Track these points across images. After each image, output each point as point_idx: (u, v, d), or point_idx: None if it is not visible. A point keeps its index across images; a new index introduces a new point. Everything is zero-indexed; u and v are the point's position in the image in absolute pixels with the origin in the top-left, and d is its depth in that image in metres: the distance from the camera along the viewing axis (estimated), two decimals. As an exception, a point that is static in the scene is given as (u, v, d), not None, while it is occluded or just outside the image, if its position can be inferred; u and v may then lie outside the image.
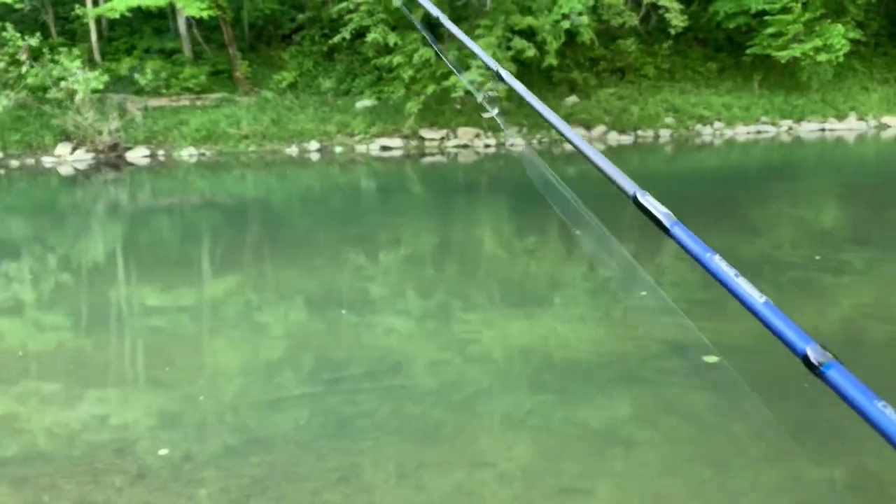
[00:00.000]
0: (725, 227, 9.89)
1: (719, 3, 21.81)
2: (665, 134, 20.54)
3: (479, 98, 1.64)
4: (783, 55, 20.35)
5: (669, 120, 20.87)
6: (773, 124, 21.04)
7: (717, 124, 20.92)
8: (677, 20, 19.54)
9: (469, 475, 3.61)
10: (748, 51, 21.24)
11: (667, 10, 19.60)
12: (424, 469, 3.65)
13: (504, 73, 1.61)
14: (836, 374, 0.87)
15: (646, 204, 1.21)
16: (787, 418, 4.23)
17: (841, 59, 20.18)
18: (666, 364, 5.01)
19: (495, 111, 1.64)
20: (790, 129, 21.01)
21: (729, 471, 3.67)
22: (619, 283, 7.26)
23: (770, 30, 20.62)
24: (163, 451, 3.84)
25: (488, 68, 1.61)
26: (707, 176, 15.53)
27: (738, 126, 20.93)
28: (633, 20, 19.83)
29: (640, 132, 20.48)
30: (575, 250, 8.94)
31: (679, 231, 1.11)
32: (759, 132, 20.82)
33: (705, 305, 6.32)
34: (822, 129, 20.98)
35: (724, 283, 0.96)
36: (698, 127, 20.86)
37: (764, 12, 20.84)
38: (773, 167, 16.64)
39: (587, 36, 18.71)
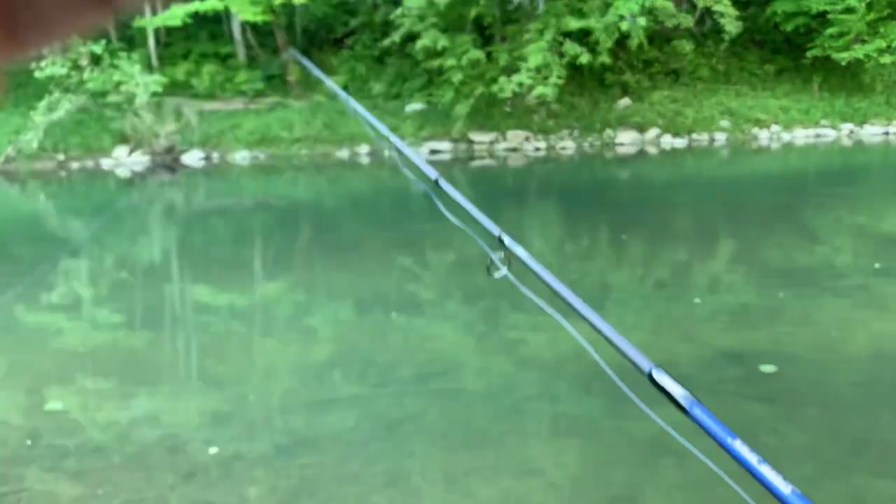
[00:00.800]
0: (783, 234, 9.64)
1: (777, 3, 21.31)
2: (720, 137, 20.14)
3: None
4: (845, 56, 19.78)
5: (725, 123, 20.45)
6: (834, 128, 20.45)
7: (775, 128, 20.43)
8: (731, 26, 19.16)
9: (517, 482, 3.57)
10: (809, 53, 20.70)
11: (721, 14, 19.24)
12: (472, 474, 3.62)
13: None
14: None
15: (661, 383, 1.00)
16: (844, 431, 4.09)
17: (907, 61, 19.58)
18: (719, 372, 4.89)
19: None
20: (851, 132, 20.40)
21: (785, 485, 3.56)
22: (673, 288, 7.14)
23: (831, 30, 20.06)
24: (213, 450, 3.89)
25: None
26: (764, 181, 15.18)
27: (796, 130, 20.40)
28: (688, 22, 19.51)
29: (694, 135, 20.12)
30: (625, 255, 8.82)
31: (699, 413, 0.92)
32: (818, 136, 20.26)
33: (760, 312, 6.16)
34: (886, 133, 20.31)
35: (747, 469, 0.88)
36: (755, 130, 20.39)
37: (824, 13, 20.29)
38: (834, 172, 16.17)
39: (638, 39, 18.47)
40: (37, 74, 18.65)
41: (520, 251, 1.25)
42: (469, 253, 9.40)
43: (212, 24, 22.58)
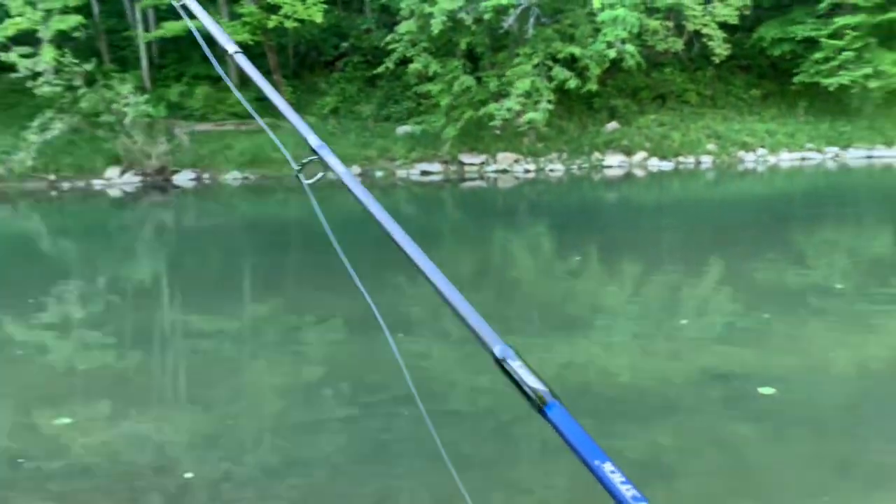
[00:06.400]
0: (768, 255, 9.72)
1: (764, 29, 21.63)
2: (707, 160, 20.33)
3: (295, 168, 1.37)
4: (831, 82, 20.05)
5: (711, 146, 20.66)
6: (819, 151, 20.69)
7: (761, 151, 20.65)
8: (720, 48, 19.43)
9: (506, 502, 3.58)
10: (795, 79, 20.97)
11: (710, 38, 19.51)
12: (461, 495, 3.62)
13: (330, 158, 1.34)
14: None
15: (513, 371, 0.86)
16: (832, 454, 4.12)
17: (895, 86, 19.86)
18: (709, 394, 4.92)
19: (314, 179, 1.36)
20: (836, 156, 20.64)
21: (772, 505, 3.58)
22: (660, 309, 7.18)
23: (818, 55, 20.34)
24: (202, 471, 3.89)
25: (308, 146, 1.39)
26: (750, 203, 15.32)
27: (782, 153, 20.64)
28: (677, 45, 19.76)
29: (681, 158, 20.30)
30: (615, 277, 8.87)
31: (557, 414, 0.81)
32: (803, 159, 20.50)
33: (746, 333, 6.21)
34: (870, 157, 20.56)
35: (606, 487, 0.76)
36: (741, 153, 20.61)
37: (810, 38, 20.61)
38: (819, 194, 16.33)
39: (633, 62, 18.68)
40: (36, 92, 18.66)
41: (334, 162, 1.21)
42: (460, 272, 9.43)
43: (204, 46, 22.68)
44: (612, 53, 18.44)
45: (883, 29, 20.23)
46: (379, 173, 19.62)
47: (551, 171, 19.63)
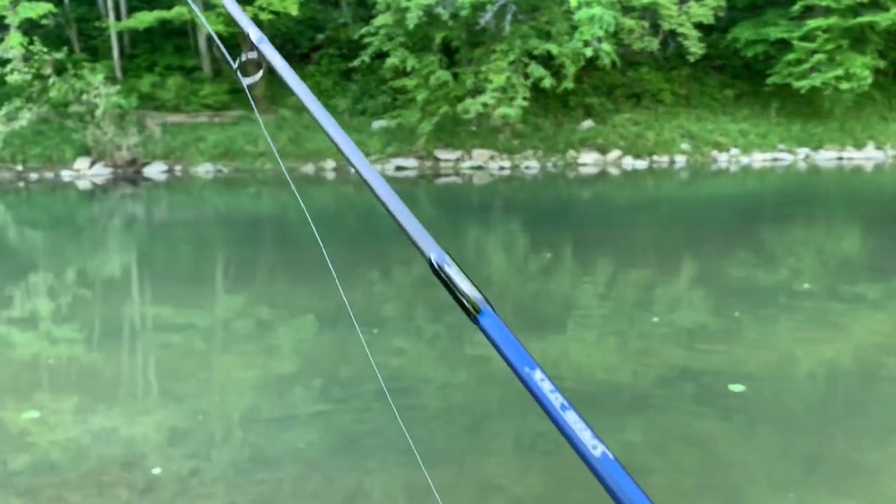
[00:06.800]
0: (740, 253, 9.84)
1: (738, 30, 21.86)
2: (681, 160, 20.52)
3: (235, 65, 1.26)
4: (803, 84, 20.34)
5: (685, 146, 20.86)
6: (790, 152, 20.98)
7: (734, 151, 20.89)
8: (695, 47, 19.60)
9: (479, 498, 3.58)
10: (769, 80, 21.24)
11: (685, 37, 19.67)
12: (432, 491, 3.62)
13: (264, 45, 1.19)
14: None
15: (448, 276, 0.87)
16: (800, 450, 4.18)
17: (866, 88, 20.18)
18: (680, 390, 4.96)
19: (253, 78, 1.24)
20: (807, 157, 20.94)
21: (740, 500, 3.62)
22: (631, 307, 7.23)
23: (790, 56, 20.61)
24: (171, 466, 3.84)
25: (241, 30, 1.30)
26: (723, 202, 15.49)
27: (754, 153, 20.89)
28: (653, 44, 19.90)
29: (655, 157, 20.47)
30: (588, 275, 8.92)
31: (491, 323, 0.81)
32: (775, 160, 20.77)
33: (716, 331, 6.28)
34: (840, 158, 20.90)
35: (543, 407, 0.73)
36: (714, 153, 20.83)
37: (783, 41, 20.86)
38: (790, 194, 16.56)
39: (608, 60, 18.78)
40: (6, 79, 18.31)
41: (276, 59, 1.12)
42: (424, 268, 9.42)
43: (178, 37, 22.41)
44: (588, 52, 18.53)
45: (854, 32, 20.56)
46: (353, 169, 19.52)
47: (527, 168, 19.68)
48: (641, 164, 20.16)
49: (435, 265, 0.90)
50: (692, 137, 21.09)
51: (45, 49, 18.74)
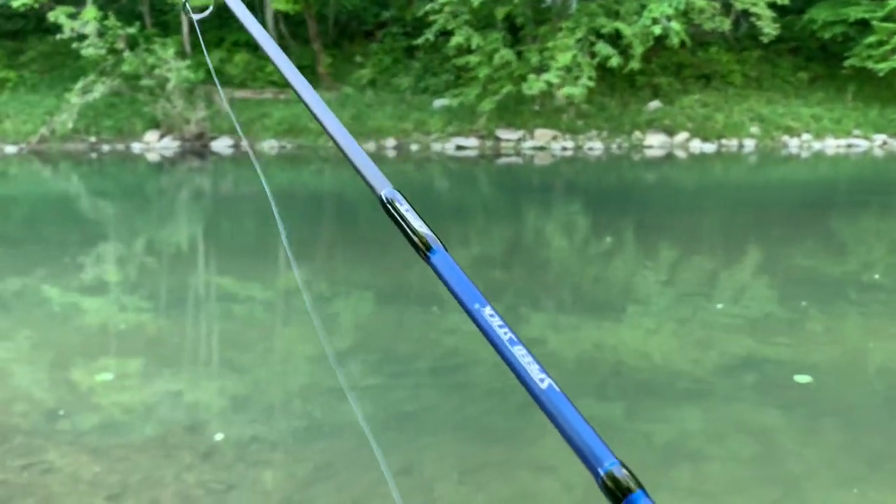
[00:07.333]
0: (809, 242, 9.54)
1: (815, 11, 21.04)
2: (750, 144, 19.95)
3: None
4: (883, 67, 19.48)
5: (755, 129, 20.25)
6: (866, 138, 20.16)
7: (805, 136, 20.19)
8: (769, 28, 18.96)
9: (531, 478, 3.58)
10: (846, 62, 20.42)
11: (759, 17, 19.05)
12: (485, 469, 3.64)
13: None
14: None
15: (397, 213, 0.85)
16: (865, 445, 4.05)
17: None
18: (741, 380, 4.86)
19: (203, 14, 1.15)
20: (884, 143, 20.09)
21: (799, 493, 3.54)
22: (695, 293, 7.09)
23: (870, 39, 19.76)
24: (231, 432, 3.95)
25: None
26: (793, 189, 15.02)
27: (827, 138, 20.15)
28: (725, 25, 19.33)
29: (723, 141, 19.94)
30: (650, 259, 8.78)
31: (440, 261, 0.82)
32: (849, 146, 19.99)
33: (782, 321, 6.12)
34: (920, 145, 20.02)
35: (490, 341, 0.73)
36: (785, 138, 20.17)
37: (864, 21, 20.00)
38: (864, 182, 15.94)
39: (677, 39, 18.32)
40: (82, 53, 18.90)
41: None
42: (491, 250, 9.42)
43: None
44: (657, 30, 18.10)
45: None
46: (414, 147, 19.58)
47: (590, 149, 19.41)
48: (709, 147, 19.67)
49: (385, 202, 0.89)
50: (762, 121, 20.45)
51: (118, 24, 19.25)
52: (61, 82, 20.38)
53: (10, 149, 19.21)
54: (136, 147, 19.30)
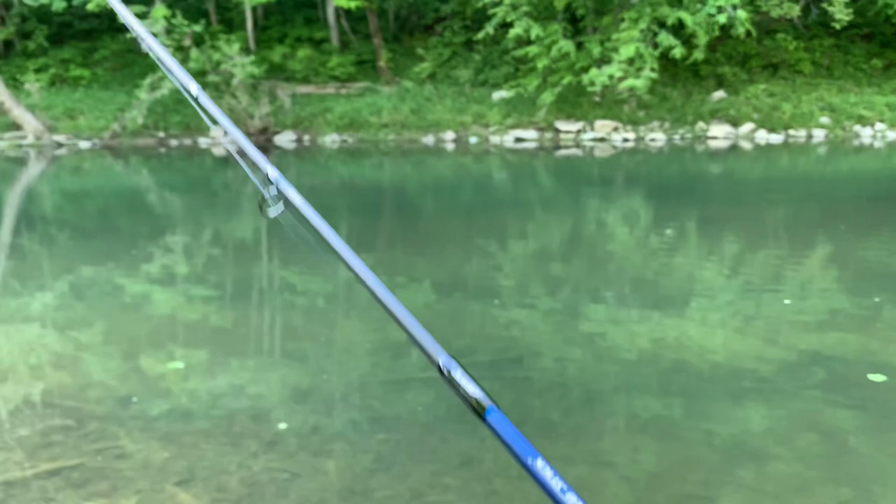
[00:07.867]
0: (882, 236, 9.20)
1: (890, -6, 20.22)
2: (819, 134, 19.32)
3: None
4: (961, 52, 18.64)
5: (825, 120, 19.60)
6: (945, 127, 19.33)
7: (879, 125, 19.45)
8: (841, 13, 18.32)
9: (590, 473, 3.57)
10: (922, 48, 19.62)
11: (830, 3, 18.41)
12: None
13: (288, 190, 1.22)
14: None
15: (455, 380, 0.85)
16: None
17: None
18: (809, 378, 4.73)
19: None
20: (964, 132, 19.24)
21: (869, 495, 3.43)
22: (762, 288, 6.93)
23: (948, 24, 18.93)
24: (294, 421, 4.03)
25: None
26: (865, 181, 14.49)
27: (903, 128, 19.40)
28: (794, 11, 18.75)
29: (791, 131, 19.37)
30: (714, 253, 8.61)
31: (496, 420, 0.83)
32: (927, 136, 19.20)
33: (852, 317, 5.92)
34: None
35: (548, 494, 0.82)
36: (857, 128, 19.47)
37: (941, 5, 19.15)
38: (942, 174, 15.28)
39: (743, 28, 17.86)
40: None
41: (293, 194, 1.20)
42: (551, 242, 9.36)
43: (307, 9, 23.04)
44: (721, 19, 17.68)
45: None
46: (473, 139, 19.57)
47: (652, 140, 19.09)
48: (776, 138, 19.12)
49: (443, 369, 0.99)
50: (833, 110, 19.78)
51: (185, 21, 19.75)
52: (132, 79, 21.05)
53: (84, 144, 19.94)
54: (203, 142, 19.80)
